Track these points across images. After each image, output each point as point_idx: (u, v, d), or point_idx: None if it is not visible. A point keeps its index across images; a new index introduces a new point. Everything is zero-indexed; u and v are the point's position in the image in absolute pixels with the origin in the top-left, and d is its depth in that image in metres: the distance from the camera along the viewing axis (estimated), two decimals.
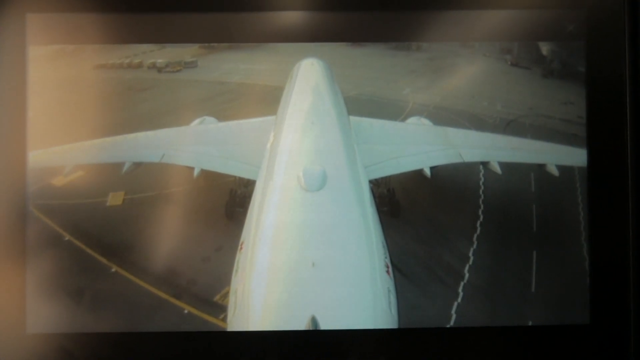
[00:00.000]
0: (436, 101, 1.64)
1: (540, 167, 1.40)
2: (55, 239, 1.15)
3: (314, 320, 0.95)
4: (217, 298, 1.25)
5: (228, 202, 1.39)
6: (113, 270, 1.24)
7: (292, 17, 1.01)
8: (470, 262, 1.31)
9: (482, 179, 1.51)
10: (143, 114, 1.48)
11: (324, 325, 0.95)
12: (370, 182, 1.35)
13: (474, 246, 1.32)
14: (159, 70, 1.45)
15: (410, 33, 1.02)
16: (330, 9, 1.00)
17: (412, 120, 1.55)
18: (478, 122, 1.56)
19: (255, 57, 1.56)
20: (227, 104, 1.69)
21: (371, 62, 1.64)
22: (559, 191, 1.22)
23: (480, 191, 1.49)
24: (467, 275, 1.29)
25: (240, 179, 1.42)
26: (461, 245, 1.34)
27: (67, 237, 1.19)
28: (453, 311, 1.20)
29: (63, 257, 1.12)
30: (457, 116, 1.60)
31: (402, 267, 1.30)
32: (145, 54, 1.35)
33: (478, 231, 1.34)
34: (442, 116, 1.65)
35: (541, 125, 1.35)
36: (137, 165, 1.40)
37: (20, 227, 0.97)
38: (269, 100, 1.61)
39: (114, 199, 1.35)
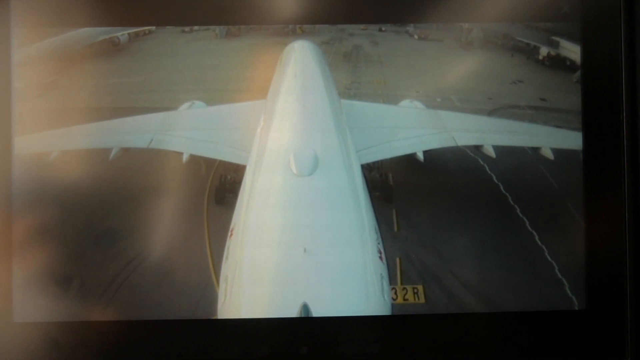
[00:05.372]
0: None
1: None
2: None
3: (305, 307, 0.95)
4: None
5: (218, 187, 1.37)
6: None
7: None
8: None
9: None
10: None
11: (315, 312, 0.94)
12: (363, 166, 1.33)
13: None
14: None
15: (407, 15, 1.01)
16: None
17: (404, 103, 1.54)
18: None
19: (121, 67, 1.29)
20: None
21: (264, 56, 1.31)
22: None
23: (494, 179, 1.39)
24: None
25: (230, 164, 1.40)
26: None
27: None
28: None
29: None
30: None
31: None
32: None
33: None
34: None
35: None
36: (125, 150, 1.37)
37: (5, 216, 0.96)
38: None
39: None
